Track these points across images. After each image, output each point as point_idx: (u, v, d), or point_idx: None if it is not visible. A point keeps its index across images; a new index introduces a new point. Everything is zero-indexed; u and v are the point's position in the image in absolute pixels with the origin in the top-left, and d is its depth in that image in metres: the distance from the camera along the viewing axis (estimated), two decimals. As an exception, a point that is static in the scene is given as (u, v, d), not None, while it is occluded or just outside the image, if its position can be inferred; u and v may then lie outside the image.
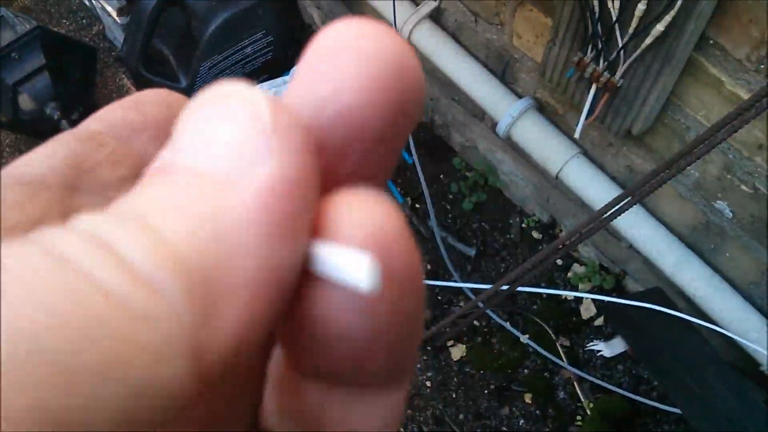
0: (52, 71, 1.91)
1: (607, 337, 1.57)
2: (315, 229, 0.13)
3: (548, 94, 1.43)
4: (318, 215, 0.13)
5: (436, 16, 1.56)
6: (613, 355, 1.47)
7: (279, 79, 1.61)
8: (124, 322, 0.10)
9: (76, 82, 2.02)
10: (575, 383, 1.60)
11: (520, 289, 1.42)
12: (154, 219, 0.12)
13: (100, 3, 2.09)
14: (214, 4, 1.60)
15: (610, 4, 1.05)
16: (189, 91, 1.67)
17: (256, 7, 1.61)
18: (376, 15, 1.65)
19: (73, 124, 2.05)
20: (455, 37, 1.56)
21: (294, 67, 1.11)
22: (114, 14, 1.92)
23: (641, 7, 1.00)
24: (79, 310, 0.10)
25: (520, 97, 1.47)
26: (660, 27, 0.99)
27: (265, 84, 1.59)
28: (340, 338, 0.13)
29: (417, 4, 1.57)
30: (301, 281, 0.13)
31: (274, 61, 1.73)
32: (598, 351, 1.49)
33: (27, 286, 0.10)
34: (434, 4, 1.54)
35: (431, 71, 1.60)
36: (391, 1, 1.59)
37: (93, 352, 0.10)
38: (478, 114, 1.69)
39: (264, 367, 0.16)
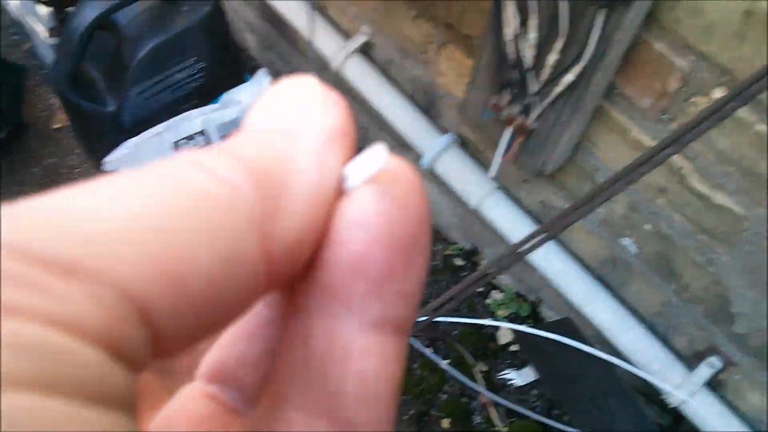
0: (-22, 90, 1.88)
1: (521, 364, 1.63)
2: None
3: (470, 131, 1.49)
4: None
5: (366, 50, 1.61)
6: (525, 383, 1.53)
7: (209, 107, 1.62)
8: (213, 208, 0.14)
9: (5, 101, 1.98)
10: (491, 408, 1.65)
11: (438, 318, 1.46)
12: (235, 149, 0.15)
13: (30, 22, 2.07)
14: (145, 30, 1.60)
15: (524, 53, 1.11)
16: (116, 116, 1.67)
17: (188, 34, 1.62)
18: (307, 47, 1.68)
19: (1, 143, 2.02)
20: (385, 72, 1.61)
21: (225, 93, 1.12)
22: (44, 34, 1.90)
23: (553, 57, 1.07)
24: (180, 201, 0.13)
25: (444, 132, 1.53)
26: (570, 77, 1.06)
27: (195, 111, 1.61)
28: (347, 240, 0.16)
29: (348, 38, 1.62)
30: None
31: (205, 87, 1.74)
32: (511, 380, 1.55)
33: (148, 190, 0.13)
34: (365, 38, 1.58)
35: (361, 102, 1.65)
36: (324, 34, 1.64)
37: (194, 228, 0.13)
38: (405, 144, 1.74)
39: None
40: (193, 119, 1.60)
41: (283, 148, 0.16)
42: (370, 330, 0.16)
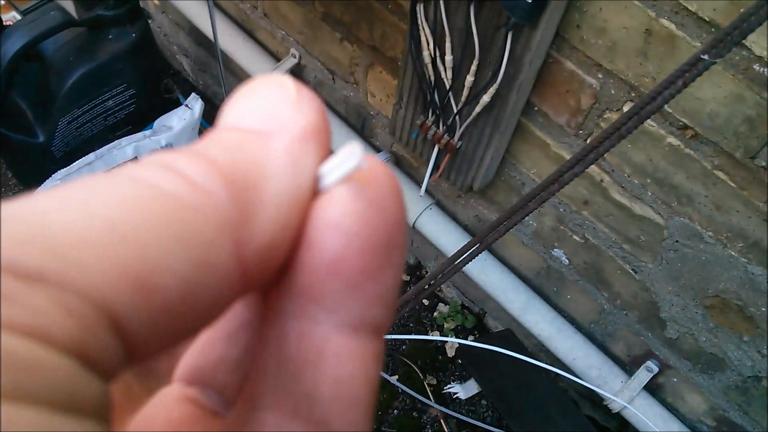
0: None
1: (466, 377, 1.64)
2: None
3: (403, 149, 1.49)
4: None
5: (297, 72, 1.61)
6: (468, 396, 1.54)
7: (140, 134, 1.60)
8: (185, 214, 0.13)
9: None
10: (441, 420, 1.66)
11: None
12: (207, 150, 0.15)
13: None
14: (72, 59, 1.58)
15: (443, 75, 1.12)
16: (46, 146, 1.64)
17: (116, 61, 1.60)
18: (240, 69, 1.67)
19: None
20: (316, 92, 1.60)
21: (158, 119, 1.10)
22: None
23: (470, 78, 1.08)
24: (152, 206, 0.13)
25: (378, 151, 1.54)
26: (486, 98, 1.07)
27: (126, 139, 1.59)
28: (322, 241, 0.15)
29: (278, 60, 1.62)
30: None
31: (136, 114, 1.72)
32: (455, 393, 1.56)
33: (118, 195, 0.13)
34: (295, 61, 1.58)
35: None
36: (255, 56, 1.63)
37: (165, 235, 0.13)
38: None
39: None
40: (124, 147, 1.58)
41: (256, 150, 0.15)
42: (346, 332, 0.15)
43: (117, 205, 0.13)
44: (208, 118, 1.95)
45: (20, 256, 0.11)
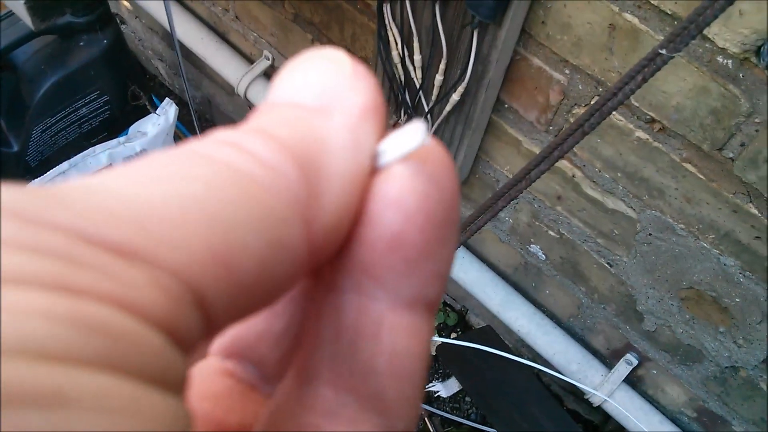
0: None
1: (446, 375, 1.64)
2: None
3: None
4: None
5: (270, 74, 1.60)
6: (450, 394, 1.54)
7: (114, 141, 1.59)
8: (260, 193, 0.13)
9: None
10: (426, 419, 1.66)
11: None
12: (269, 128, 0.15)
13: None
14: (44, 67, 1.57)
15: (413, 74, 1.12)
16: (20, 156, 1.63)
17: (89, 67, 1.59)
18: (215, 73, 1.67)
19: None
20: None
21: (132, 126, 1.08)
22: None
23: (439, 77, 1.08)
24: (227, 185, 0.13)
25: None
26: (456, 96, 1.07)
27: (100, 146, 1.57)
28: (380, 221, 0.15)
29: (251, 62, 1.61)
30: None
31: (111, 120, 1.71)
32: (436, 392, 1.56)
33: (193, 172, 0.13)
34: (268, 63, 1.57)
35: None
36: (228, 59, 1.63)
37: (243, 213, 0.13)
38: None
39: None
40: (98, 155, 1.56)
41: (318, 128, 0.15)
42: (403, 308, 0.16)
43: (198, 184, 0.13)
44: (184, 121, 1.94)
45: (113, 231, 0.12)
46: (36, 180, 1.54)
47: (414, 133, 0.16)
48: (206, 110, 2.09)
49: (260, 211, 0.13)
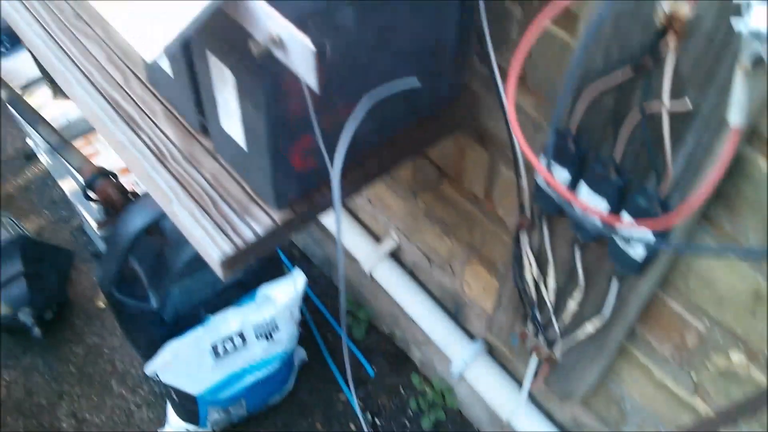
0: (29, 278, 1.99)
1: None
2: None
3: (497, 341, 1.52)
4: None
5: (396, 254, 1.68)
6: None
7: (245, 307, 1.68)
8: None
9: (52, 284, 2.09)
10: None
11: None
12: None
13: (81, 209, 2.20)
14: (188, 234, 1.70)
15: (545, 296, 1.15)
16: (158, 312, 1.74)
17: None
18: (345, 253, 1.75)
19: (46, 326, 2.12)
20: (413, 275, 1.66)
21: (261, 287, 1.14)
22: (94, 225, 2.02)
23: (573, 305, 1.11)
24: None
25: (472, 337, 1.56)
26: (590, 327, 1.09)
27: (232, 312, 1.66)
28: None
29: (378, 241, 1.69)
30: None
31: (242, 280, 1.82)
32: None
33: None
34: (394, 244, 1.65)
35: (392, 300, 1.69)
36: (356, 236, 1.71)
37: None
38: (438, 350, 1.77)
39: None
40: (230, 321, 1.66)
41: None
42: None
43: None
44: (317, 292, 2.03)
45: None
46: (173, 342, 1.64)
47: None
48: (326, 268, 2.18)
49: None
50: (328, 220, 1.77)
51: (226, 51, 0.71)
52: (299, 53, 0.57)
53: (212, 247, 0.84)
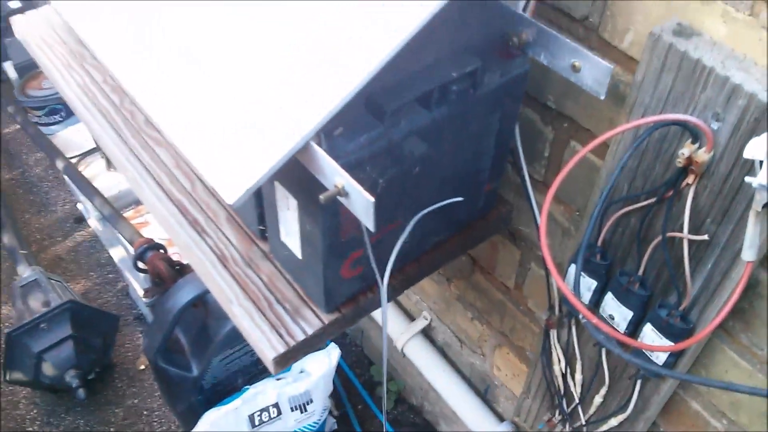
0: (76, 341, 2.09)
1: None
2: None
3: (527, 425, 1.57)
4: None
5: (427, 332, 1.75)
6: None
7: (282, 381, 1.76)
8: None
9: (98, 348, 2.19)
10: None
11: None
12: None
13: (127, 275, 2.31)
14: (231, 307, 1.79)
15: (572, 388, 1.22)
16: (197, 380, 1.82)
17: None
18: (375, 326, 1.83)
19: (89, 386, 2.21)
20: (443, 352, 1.73)
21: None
22: (140, 292, 2.12)
23: (598, 399, 1.17)
24: None
25: (501, 418, 1.62)
26: (614, 422, 1.15)
27: (269, 384, 1.74)
28: None
29: (411, 319, 1.76)
30: None
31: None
32: None
33: None
34: (426, 323, 1.72)
35: (422, 378, 1.76)
36: (389, 314, 1.79)
37: None
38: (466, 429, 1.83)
39: None
40: (268, 392, 1.73)
41: None
42: None
43: None
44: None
45: None
46: (211, 412, 1.71)
47: None
48: (358, 338, 2.25)
49: None
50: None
51: (294, 183, 0.80)
52: (359, 202, 0.66)
53: (267, 347, 0.92)
